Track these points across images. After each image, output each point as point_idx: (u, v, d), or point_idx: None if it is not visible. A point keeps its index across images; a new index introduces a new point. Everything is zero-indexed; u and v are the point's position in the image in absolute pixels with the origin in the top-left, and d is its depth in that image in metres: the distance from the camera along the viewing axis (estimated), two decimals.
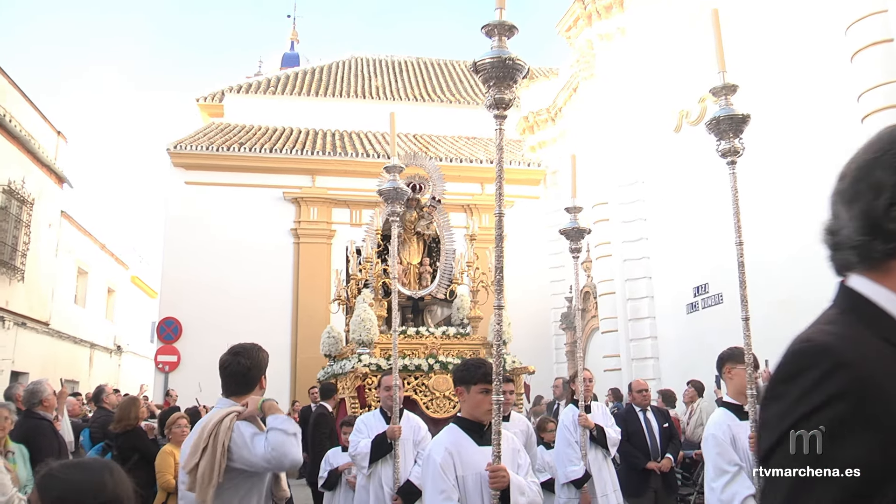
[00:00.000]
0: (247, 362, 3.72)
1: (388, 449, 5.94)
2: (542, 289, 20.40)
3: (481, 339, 9.91)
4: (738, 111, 4.75)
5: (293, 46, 42.23)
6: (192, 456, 3.40)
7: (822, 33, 10.59)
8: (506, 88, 3.29)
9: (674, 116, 14.30)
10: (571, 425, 7.12)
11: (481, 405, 3.83)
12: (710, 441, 4.77)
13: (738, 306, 12.04)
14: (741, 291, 4.76)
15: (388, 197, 5.86)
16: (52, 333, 19.88)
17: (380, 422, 6.34)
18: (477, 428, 3.88)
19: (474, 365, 3.98)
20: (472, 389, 3.89)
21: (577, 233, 6.71)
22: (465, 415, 3.98)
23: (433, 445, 3.92)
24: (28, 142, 17.88)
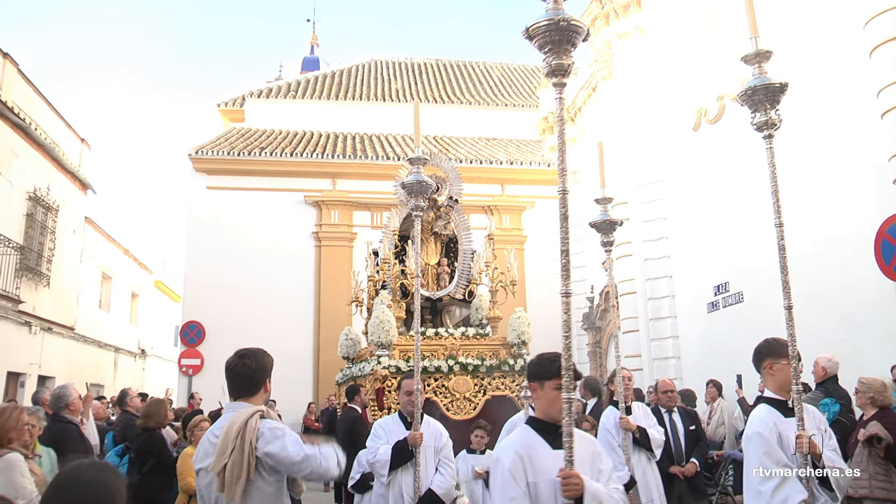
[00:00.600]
0: (252, 364, 3.83)
1: (408, 456, 5.62)
2: None
3: (501, 339, 9.85)
4: (774, 79, 4.25)
5: (313, 50, 42.38)
6: (219, 458, 3.50)
7: (840, 29, 10.52)
8: (564, 54, 2.95)
9: (692, 115, 14.25)
10: (613, 428, 6.76)
11: (556, 403, 3.40)
12: (756, 440, 4.34)
13: (758, 305, 12.07)
14: (782, 277, 4.29)
15: (411, 190, 5.44)
16: (77, 338, 20.09)
17: (399, 427, 5.97)
18: (552, 429, 3.47)
19: (548, 358, 3.60)
20: (545, 385, 3.54)
21: (609, 225, 6.21)
22: (538, 414, 3.61)
23: (502, 449, 3.54)
24: (53, 149, 18.10)
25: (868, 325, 9.69)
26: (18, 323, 16.59)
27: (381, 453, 5.79)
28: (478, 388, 9.14)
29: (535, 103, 25.23)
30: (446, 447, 5.93)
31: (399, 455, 5.69)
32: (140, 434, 7.49)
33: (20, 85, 16.87)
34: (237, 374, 3.81)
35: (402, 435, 5.76)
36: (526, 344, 9.70)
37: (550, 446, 3.42)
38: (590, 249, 19.87)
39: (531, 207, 21.07)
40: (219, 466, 3.47)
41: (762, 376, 4.69)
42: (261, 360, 3.86)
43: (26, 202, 17.01)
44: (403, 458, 5.67)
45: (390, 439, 5.85)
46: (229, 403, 3.84)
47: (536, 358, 3.72)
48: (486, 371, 9.22)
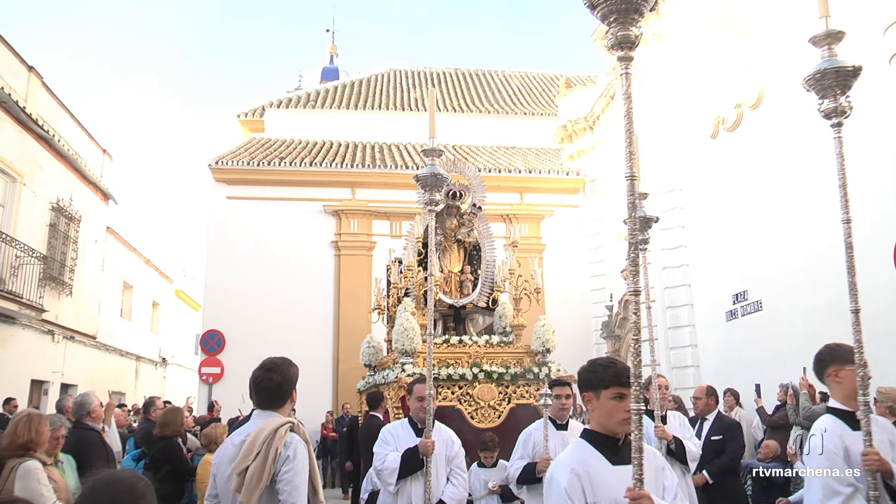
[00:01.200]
0: (278, 378, 3.86)
1: (419, 465, 5.30)
2: (583, 297, 20.34)
3: (525, 347, 9.80)
4: (846, 62, 3.94)
5: (332, 60, 42.61)
6: (243, 459, 3.56)
7: (858, 36, 10.49)
8: (630, 23, 2.69)
9: (710, 123, 14.24)
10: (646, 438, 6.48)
11: (614, 414, 3.14)
12: (821, 455, 4.01)
13: (776, 314, 12.04)
14: (849, 278, 3.94)
15: (425, 183, 5.10)
16: (99, 346, 20.29)
17: (409, 433, 5.69)
18: (610, 443, 3.17)
19: (603, 365, 3.28)
20: (601, 395, 3.19)
21: (644, 222, 5.88)
22: (594, 427, 3.28)
23: (556, 466, 3.20)
24: (75, 160, 18.33)
25: (889, 332, 9.62)
26: (42, 331, 16.79)
27: (389, 461, 5.49)
28: (502, 396, 9.07)
29: (553, 112, 25.24)
30: (458, 456, 5.69)
31: (408, 463, 5.40)
32: (156, 442, 7.56)
33: (44, 97, 17.11)
34: (263, 388, 3.85)
35: (411, 442, 5.51)
36: (550, 352, 9.65)
37: (609, 462, 3.11)
38: (609, 258, 19.86)
39: (550, 216, 21.05)
40: (241, 467, 3.54)
41: (826, 385, 4.39)
42: (287, 374, 3.89)
43: (49, 212, 17.23)
44: (413, 466, 5.38)
45: (399, 446, 5.57)
46: (259, 411, 3.88)
47: (589, 365, 3.39)
48: (510, 379, 9.15)
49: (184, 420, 7.77)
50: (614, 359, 3.34)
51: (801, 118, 11.60)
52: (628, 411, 2.88)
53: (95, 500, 2.09)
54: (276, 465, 3.54)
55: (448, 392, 8.96)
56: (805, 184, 11.48)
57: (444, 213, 10.82)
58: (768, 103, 12.62)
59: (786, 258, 11.85)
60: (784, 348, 11.48)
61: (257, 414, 3.86)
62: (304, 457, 3.67)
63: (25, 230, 15.86)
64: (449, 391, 8.94)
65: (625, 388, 3.08)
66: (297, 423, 3.77)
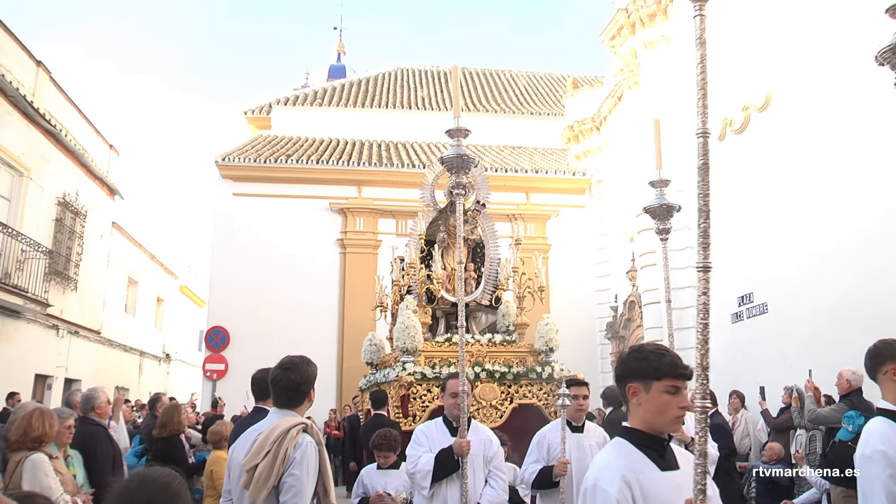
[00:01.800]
0: (297, 378, 3.86)
1: (454, 467, 4.92)
2: (588, 298, 20.32)
3: (528, 346, 9.68)
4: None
5: (339, 58, 42.60)
6: (254, 456, 3.56)
7: (867, 40, 10.44)
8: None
9: (718, 125, 14.20)
10: None
11: (666, 410, 2.70)
12: (879, 460, 3.65)
13: (782, 316, 12.02)
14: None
15: (451, 165, 4.83)
16: (103, 342, 20.32)
17: (443, 433, 5.23)
18: (657, 445, 2.74)
19: (656, 352, 2.81)
20: (652, 387, 2.73)
21: (665, 210, 5.57)
22: (638, 424, 2.78)
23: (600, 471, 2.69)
24: (82, 155, 18.34)
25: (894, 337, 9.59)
26: (46, 326, 16.81)
27: (422, 462, 5.04)
28: (504, 395, 8.94)
29: (560, 112, 25.22)
30: (497, 456, 5.28)
31: (443, 465, 4.97)
32: (156, 441, 7.58)
33: (52, 92, 17.13)
34: (282, 388, 3.85)
35: (446, 443, 5.07)
36: (553, 351, 9.54)
37: (658, 467, 2.68)
38: (614, 259, 19.84)
39: (556, 216, 21.05)
40: (250, 465, 3.54)
41: (879, 383, 4.01)
42: (305, 373, 3.89)
43: (56, 207, 17.25)
44: (448, 468, 4.97)
45: (433, 447, 5.12)
46: (275, 409, 3.88)
47: (638, 351, 2.90)
48: (513, 378, 9.03)
49: (182, 418, 7.76)
50: (665, 347, 2.88)
51: (809, 121, 11.58)
52: (682, 408, 2.69)
53: (131, 500, 2.09)
54: (284, 466, 3.53)
55: None
56: (812, 186, 11.45)
57: (448, 209, 10.76)
58: (776, 106, 12.58)
59: (792, 261, 11.82)
60: (789, 351, 11.45)
61: (274, 412, 3.86)
62: (314, 460, 3.65)
63: (32, 224, 15.88)
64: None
65: (680, 380, 2.72)
66: (310, 424, 3.76)
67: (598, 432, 6.18)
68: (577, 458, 5.72)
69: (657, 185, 5.56)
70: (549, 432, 5.99)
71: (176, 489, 2.15)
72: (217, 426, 7.93)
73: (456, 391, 5.05)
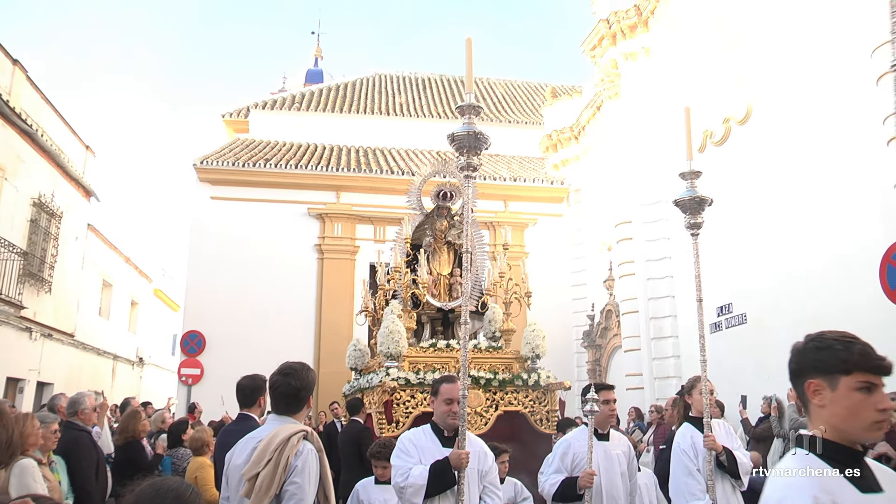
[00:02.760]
0: (297, 384, 3.86)
1: (451, 481, 4.39)
2: (564, 306, 20.39)
3: (514, 352, 9.53)
4: None
5: (317, 63, 42.56)
6: (254, 465, 3.54)
7: (846, 56, 10.60)
8: None
9: (698, 137, 14.32)
10: (690, 449, 5.67)
11: (861, 413, 2.20)
12: None
13: (761, 326, 12.13)
14: None
15: (462, 144, 4.23)
16: (76, 345, 20.07)
17: (433, 443, 4.70)
18: (852, 459, 2.23)
19: (843, 340, 2.29)
20: (840, 384, 2.24)
21: (697, 203, 5.13)
22: (827, 433, 2.26)
23: (785, 492, 2.15)
24: (58, 156, 18.14)
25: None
26: (19, 329, 16.59)
27: (415, 476, 4.47)
28: (489, 402, 8.80)
29: (537, 120, 25.33)
30: (492, 471, 4.78)
31: (438, 479, 4.42)
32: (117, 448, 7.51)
33: (28, 91, 16.92)
34: (281, 393, 3.85)
35: (438, 454, 4.55)
36: (540, 358, 9.43)
37: (858, 488, 2.16)
38: (591, 268, 19.94)
39: (533, 224, 21.12)
40: (251, 473, 3.52)
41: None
42: (305, 379, 3.89)
43: (31, 208, 17.03)
44: (445, 483, 4.43)
45: (423, 458, 4.58)
46: (274, 416, 3.86)
47: (817, 340, 2.37)
48: (498, 385, 8.89)
49: (141, 423, 7.63)
50: (852, 334, 2.33)
51: (790, 134, 11.72)
52: (882, 411, 2.20)
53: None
54: (285, 475, 3.52)
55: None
56: (792, 198, 11.59)
57: (435, 214, 10.72)
58: (757, 118, 12.73)
59: (771, 272, 11.95)
60: (768, 361, 11.55)
61: (273, 419, 3.84)
62: (314, 468, 3.64)
63: (6, 225, 15.67)
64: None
65: (875, 375, 2.23)
66: (310, 432, 3.75)
67: (622, 441, 5.96)
68: (604, 469, 5.56)
69: (687, 176, 5.23)
70: (574, 440, 5.76)
71: (189, 499, 2.14)
72: (197, 432, 7.86)
73: (452, 397, 4.63)
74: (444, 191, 10.52)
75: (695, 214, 5.26)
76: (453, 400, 4.61)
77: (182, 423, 8.50)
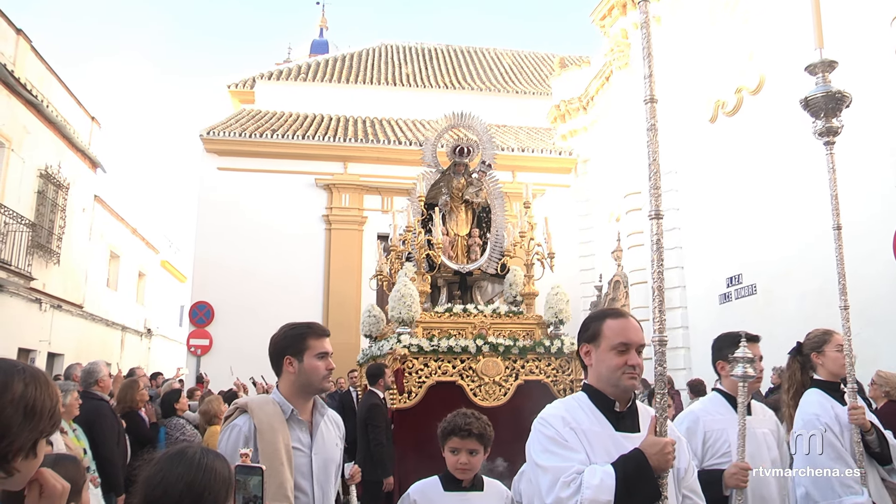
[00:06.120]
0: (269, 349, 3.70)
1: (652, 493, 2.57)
2: (572, 277, 20.33)
3: (536, 318, 8.90)
4: None
5: (322, 33, 42.25)
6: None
7: (864, 26, 10.49)
8: None
9: (709, 107, 14.24)
10: (835, 423, 4.01)
11: None
12: None
13: (771, 297, 12.09)
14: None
15: None
16: (85, 316, 20.14)
17: (598, 422, 2.74)
18: None
19: None
20: None
21: (832, 101, 4.04)
22: None
23: None
24: (64, 127, 18.07)
25: (882, 319, 9.71)
26: (29, 300, 16.63)
27: (593, 486, 2.55)
28: (509, 371, 8.25)
29: (545, 91, 25.19)
30: (691, 470, 2.93)
31: (631, 489, 2.60)
32: None
33: (33, 62, 16.84)
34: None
35: (611, 444, 2.74)
36: (563, 323, 8.77)
37: None
38: (599, 239, 19.90)
39: (541, 195, 21.03)
40: None
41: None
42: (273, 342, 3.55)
43: (38, 179, 17.02)
44: (643, 494, 2.64)
45: (593, 449, 2.73)
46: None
47: None
48: (518, 353, 8.32)
49: (139, 392, 7.55)
50: None
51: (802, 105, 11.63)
52: None
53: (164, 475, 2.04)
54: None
55: (448, 366, 8.18)
56: (802, 170, 11.51)
57: (451, 171, 10.03)
58: (769, 89, 12.63)
59: (781, 243, 11.91)
60: (777, 332, 11.48)
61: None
62: (224, 446, 3.39)
63: (14, 197, 15.65)
64: (450, 365, 8.17)
65: None
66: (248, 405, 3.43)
67: (768, 415, 4.16)
68: (749, 455, 3.56)
69: (819, 68, 4.14)
70: (702, 414, 3.96)
71: (210, 465, 2.09)
72: (207, 403, 7.88)
73: (628, 339, 2.77)
74: (461, 146, 9.89)
75: (829, 117, 4.14)
76: (629, 345, 2.76)
77: (175, 392, 8.31)
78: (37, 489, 1.58)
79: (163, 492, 1.99)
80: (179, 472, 2.02)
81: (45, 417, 1.58)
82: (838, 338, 4.24)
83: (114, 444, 6.07)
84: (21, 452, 1.52)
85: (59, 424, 4.54)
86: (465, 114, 10.12)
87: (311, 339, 3.41)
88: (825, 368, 4.31)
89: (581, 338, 2.94)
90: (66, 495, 1.62)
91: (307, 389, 3.39)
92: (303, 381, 3.35)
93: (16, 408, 1.51)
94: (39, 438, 1.56)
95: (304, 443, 3.31)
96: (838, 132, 4.21)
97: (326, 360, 3.40)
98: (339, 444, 3.54)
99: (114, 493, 5.98)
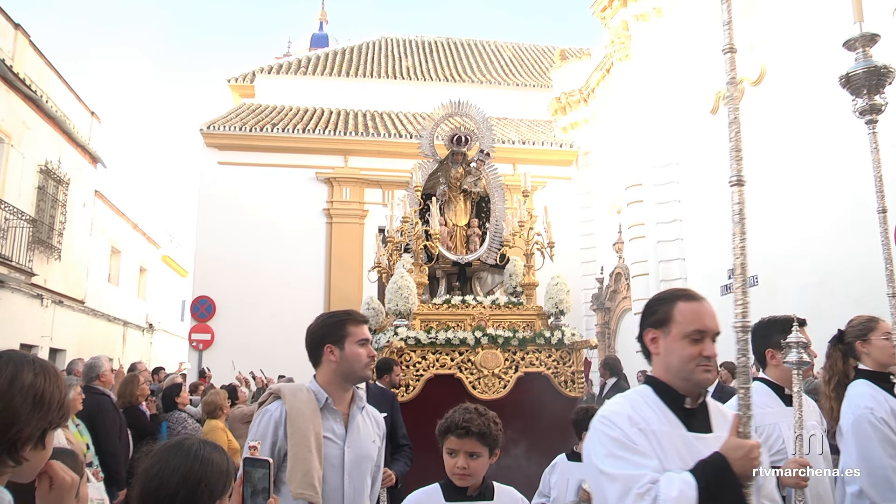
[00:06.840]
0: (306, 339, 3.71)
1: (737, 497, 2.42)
2: (573, 270, 20.31)
3: (536, 308, 8.73)
4: None
5: (322, 27, 42.21)
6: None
7: (866, 14, 10.44)
8: None
9: (710, 98, 14.20)
10: (892, 417, 3.66)
11: None
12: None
13: (773, 289, 12.06)
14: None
15: None
16: (87, 311, 20.15)
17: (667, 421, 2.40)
18: None
19: None
20: None
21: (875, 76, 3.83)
22: None
23: None
24: (63, 122, 18.06)
25: (884, 311, 9.68)
26: (31, 296, 16.64)
27: (669, 497, 2.25)
28: (509, 363, 8.10)
29: (546, 83, 25.14)
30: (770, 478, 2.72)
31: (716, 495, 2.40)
32: None
33: (32, 57, 16.81)
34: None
35: (682, 445, 2.46)
36: (564, 314, 8.59)
37: None
38: (600, 231, 19.89)
39: (542, 188, 21.00)
40: None
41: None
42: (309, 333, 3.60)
43: (38, 175, 17.00)
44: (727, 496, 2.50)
45: (665, 453, 2.41)
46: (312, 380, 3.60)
47: None
48: (518, 344, 8.16)
49: (139, 389, 7.56)
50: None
51: (803, 96, 11.60)
52: None
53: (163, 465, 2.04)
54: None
55: (447, 359, 8.02)
56: (804, 162, 11.50)
57: (449, 160, 9.84)
58: (770, 80, 12.60)
59: (783, 234, 11.89)
60: None
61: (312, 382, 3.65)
62: (257, 429, 3.45)
63: (14, 192, 15.64)
64: (448, 357, 8.02)
65: None
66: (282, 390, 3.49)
67: (812, 407, 3.88)
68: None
69: (859, 43, 3.93)
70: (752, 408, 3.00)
71: (208, 457, 2.09)
72: (211, 396, 7.90)
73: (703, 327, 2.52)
74: (459, 135, 9.71)
75: (872, 94, 3.89)
76: (705, 333, 2.50)
77: (175, 387, 8.37)
78: (47, 481, 1.59)
79: (159, 483, 1.99)
80: (176, 464, 2.02)
81: (54, 408, 1.60)
82: (885, 325, 4.03)
83: (115, 438, 6.09)
84: (30, 442, 1.55)
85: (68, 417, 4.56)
86: (462, 102, 9.89)
87: (351, 325, 3.40)
88: (871, 358, 4.04)
89: (646, 322, 2.61)
90: (76, 487, 1.63)
91: (349, 377, 3.38)
92: (345, 369, 3.35)
93: (24, 397, 1.53)
94: (48, 429, 1.58)
95: (337, 433, 3.28)
96: (882, 110, 3.95)
97: (368, 347, 3.40)
98: (378, 442, 3.47)
99: (115, 487, 6.00)
